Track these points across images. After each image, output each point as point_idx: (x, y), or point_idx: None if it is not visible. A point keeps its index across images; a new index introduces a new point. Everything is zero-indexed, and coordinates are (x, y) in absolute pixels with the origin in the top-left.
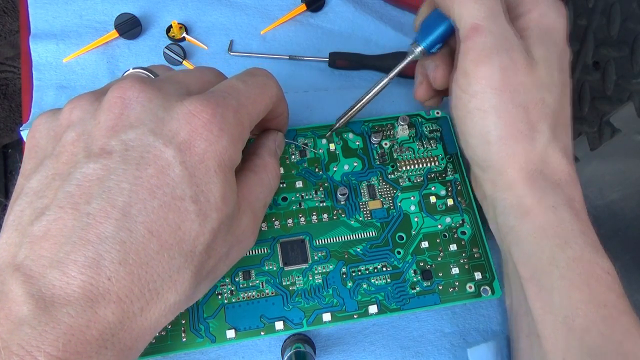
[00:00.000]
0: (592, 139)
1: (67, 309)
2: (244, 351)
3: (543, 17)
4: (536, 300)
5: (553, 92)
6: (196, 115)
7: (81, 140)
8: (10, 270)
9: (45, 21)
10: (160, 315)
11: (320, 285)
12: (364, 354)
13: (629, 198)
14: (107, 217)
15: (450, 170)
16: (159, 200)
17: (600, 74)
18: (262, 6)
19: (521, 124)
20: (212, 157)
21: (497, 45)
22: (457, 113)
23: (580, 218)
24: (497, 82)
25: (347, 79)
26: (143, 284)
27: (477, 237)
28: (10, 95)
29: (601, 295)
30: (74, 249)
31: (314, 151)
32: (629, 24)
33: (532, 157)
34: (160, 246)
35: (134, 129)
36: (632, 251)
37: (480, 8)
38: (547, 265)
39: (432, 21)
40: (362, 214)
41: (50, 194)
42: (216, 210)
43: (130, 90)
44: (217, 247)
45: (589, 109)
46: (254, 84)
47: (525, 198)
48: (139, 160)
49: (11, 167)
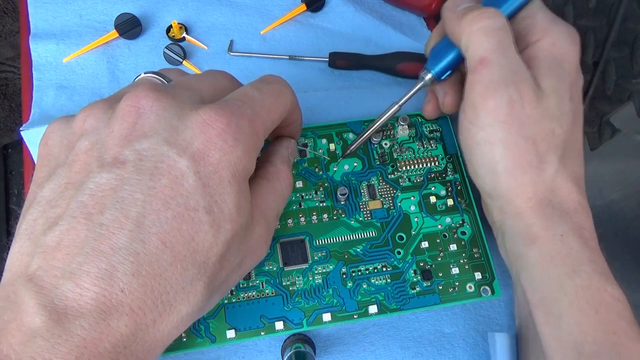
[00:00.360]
0: (592, 139)
1: (80, 321)
2: (244, 351)
3: (554, 46)
4: (545, 326)
5: (563, 123)
6: (211, 124)
7: (95, 149)
8: (23, 281)
9: (45, 21)
10: (173, 327)
11: (320, 286)
12: (364, 354)
13: (629, 198)
14: (121, 228)
15: (450, 171)
16: (172, 211)
17: (600, 74)
18: (262, 6)
19: (529, 155)
20: (226, 167)
21: (504, 79)
22: (465, 144)
23: (589, 246)
24: (504, 115)
25: (347, 79)
26: (156, 295)
27: (477, 237)
28: (10, 95)
29: (611, 322)
30: (87, 260)
31: (325, 157)
32: (629, 24)
33: (540, 188)
34: (174, 257)
35: (148, 138)
36: (632, 251)
37: (488, 41)
38: (555, 292)
39: (442, 48)
40: (362, 214)
41: (63, 204)
42: (230, 221)
43: (144, 99)
44: (230, 257)
45: (589, 109)
46: (269, 92)
47: (533, 227)
48: (152, 171)
49: (11, 167)
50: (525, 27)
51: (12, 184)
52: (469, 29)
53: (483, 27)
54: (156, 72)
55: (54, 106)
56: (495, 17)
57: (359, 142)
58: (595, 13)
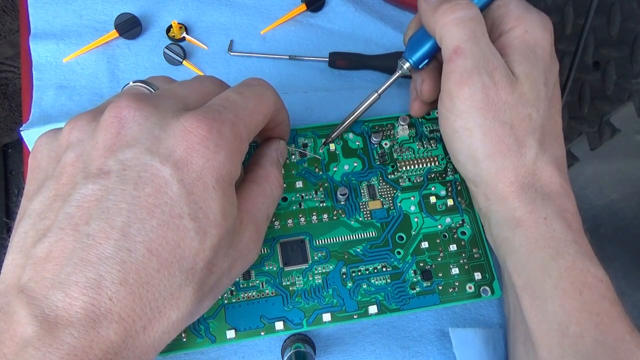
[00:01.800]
0: (592, 139)
1: (70, 329)
2: (244, 351)
3: (526, 33)
4: (531, 308)
5: (539, 107)
6: (192, 131)
7: (80, 160)
8: (15, 292)
9: (45, 21)
10: (163, 332)
11: (320, 286)
12: (364, 354)
13: (629, 198)
14: (107, 238)
15: (450, 171)
16: (157, 219)
17: (600, 74)
18: (262, 6)
19: (508, 140)
20: (209, 173)
21: (478, 67)
22: (445, 132)
23: (573, 228)
24: (480, 102)
25: (347, 79)
26: (144, 302)
27: (477, 238)
28: (10, 95)
29: (594, 303)
30: (75, 270)
31: (315, 156)
32: (629, 24)
33: (522, 171)
34: (160, 264)
35: (131, 148)
36: (632, 251)
37: (461, 31)
38: (540, 274)
39: (419, 38)
40: (362, 214)
41: (51, 216)
42: (215, 226)
43: (126, 109)
44: (218, 262)
45: (589, 109)
46: (250, 95)
47: (516, 210)
48: (136, 180)
49: (11, 167)
50: (499, 16)
51: (12, 183)
52: (442, 20)
53: (456, 18)
54: (144, 80)
55: (54, 106)
56: (468, 8)
57: (339, 132)
58: (595, 13)
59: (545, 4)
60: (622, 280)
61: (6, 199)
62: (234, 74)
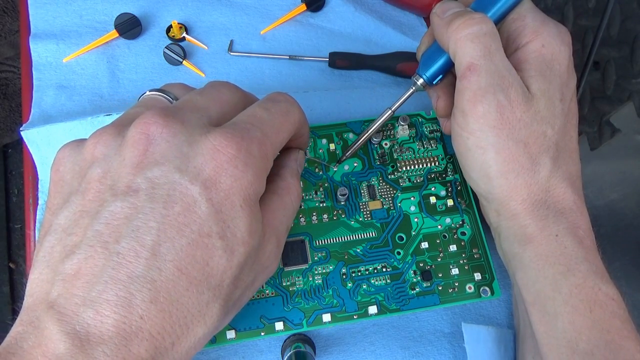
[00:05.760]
0: (592, 139)
1: (103, 347)
2: (244, 351)
3: (543, 48)
4: (540, 324)
5: (554, 124)
6: (221, 150)
7: (107, 177)
8: (45, 307)
9: (45, 21)
10: (190, 347)
11: (320, 286)
12: (364, 354)
13: (629, 198)
14: (137, 257)
15: (451, 171)
16: (186, 238)
17: (600, 74)
18: (262, 6)
19: (521, 158)
20: (237, 192)
21: (492, 84)
22: (458, 149)
23: (584, 245)
24: (494, 120)
25: (347, 79)
26: (174, 320)
27: (477, 238)
28: (10, 95)
29: (605, 321)
30: (106, 289)
31: (322, 162)
32: (629, 24)
33: (534, 189)
34: (189, 283)
35: (160, 166)
36: (632, 251)
37: (475, 47)
38: (550, 291)
39: (432, 53)
40: (362, 214)
41: (79, 232)
42: (243, 244)
43: (153, 125)
44: (243, 277)
45: (589, 109)
46: (277, 112)
47: (528, 227)
48: (165, 199)
49: (11, 167)
50: (515, 30)
51: (12, 183)
52: (456, 36)
53: (470, 33)
54: (161, 89)
55: (54, 106)
56: (482, 23)
57: (354, 149)
58: (595, 13)
59: (545, 4)
60: (622, 281)
61: (6, 199)
62: (234, 74)
